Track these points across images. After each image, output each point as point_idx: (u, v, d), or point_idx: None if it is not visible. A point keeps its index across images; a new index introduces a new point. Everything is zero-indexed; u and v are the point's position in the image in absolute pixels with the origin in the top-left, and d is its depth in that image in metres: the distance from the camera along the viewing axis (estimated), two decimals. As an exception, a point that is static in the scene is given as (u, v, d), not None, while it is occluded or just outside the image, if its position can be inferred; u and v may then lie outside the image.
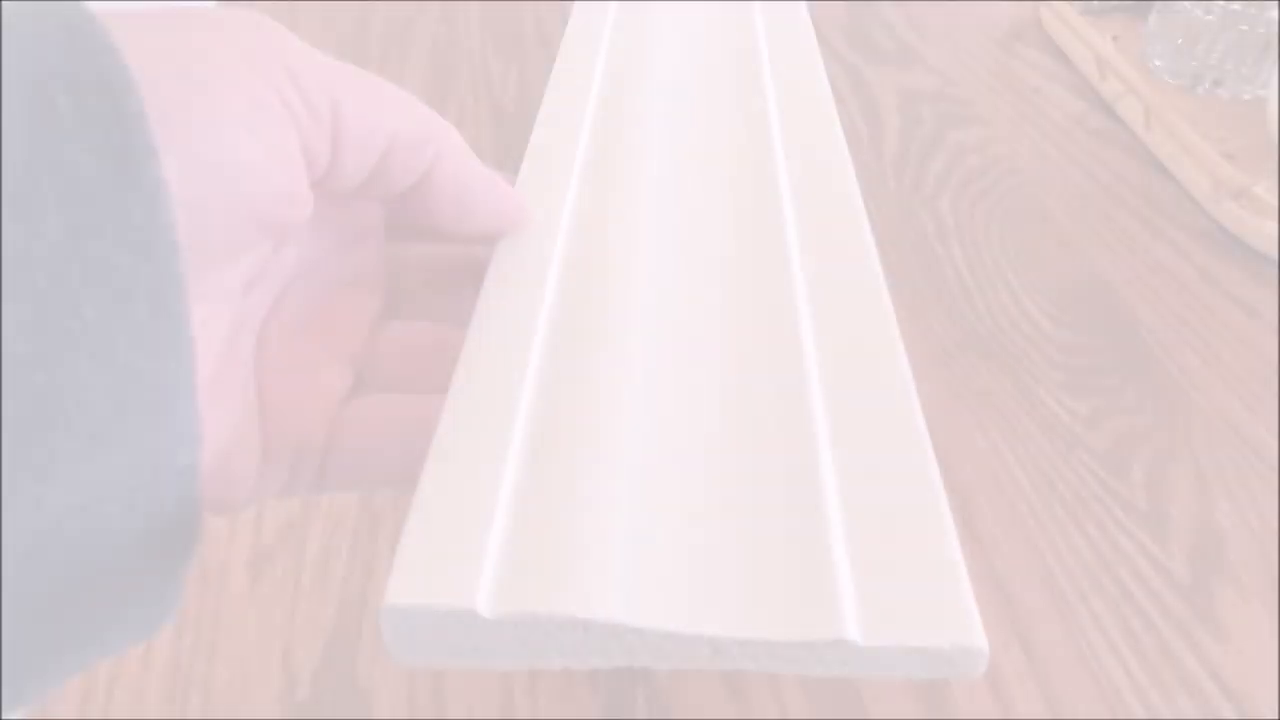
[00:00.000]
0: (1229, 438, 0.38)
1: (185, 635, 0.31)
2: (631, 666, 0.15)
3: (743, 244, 0.24)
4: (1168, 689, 0.30)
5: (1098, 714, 0.29)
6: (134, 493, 0.15)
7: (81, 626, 0.15)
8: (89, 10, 0.14)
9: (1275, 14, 0.47)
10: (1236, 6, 0.54)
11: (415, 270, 0.24)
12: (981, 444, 0.37)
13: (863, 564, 0.16)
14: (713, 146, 0.28)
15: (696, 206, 0.25)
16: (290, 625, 0.31)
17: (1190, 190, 0.50)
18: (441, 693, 0.30)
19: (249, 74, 0.16)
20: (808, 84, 0.30)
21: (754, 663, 0.15)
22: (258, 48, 0.17)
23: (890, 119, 0.56)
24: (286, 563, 0.33)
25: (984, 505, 0.35)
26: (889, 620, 0.15)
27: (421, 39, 0.65)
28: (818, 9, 0.37)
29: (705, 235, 0.24)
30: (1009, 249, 0.47)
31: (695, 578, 0.16)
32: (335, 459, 0.21)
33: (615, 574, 0.15)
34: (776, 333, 0.21)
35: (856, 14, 0.67)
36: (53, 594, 0.14)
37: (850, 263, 0.23)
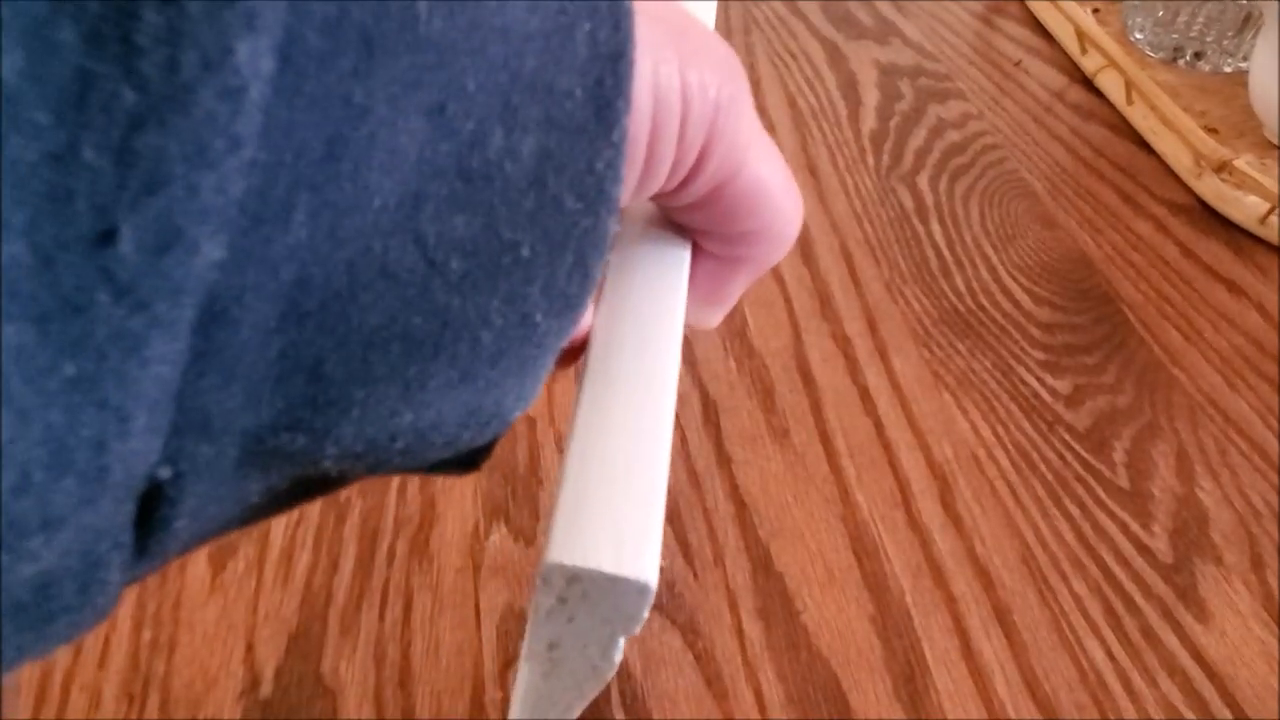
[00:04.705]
0: (1211, 415, 0.37)
1: (144, 631, 0.30)
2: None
3: None
4: (1150, 670, 0.29)
5: (1079, 696, 0.29)
6: (462, 431, 0.15)
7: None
8: None
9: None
10: (1218, -23, 0.53)
11: None
12: (961, 423, 0.37)
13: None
14: None
15: None
16: (253, 620, 0.30)
17: (1172, 164, 0.49)
18: (409, 687, 0.29)
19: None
20: None
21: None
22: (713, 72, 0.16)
23: (869, 95, 0.55)
24: (249, 555, 0.32)
25: (963, 485, 0.34)
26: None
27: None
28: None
29: None
30: (989, 226, 0.46)
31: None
32: None
33: None
34: None
35: (834, -11, 0.66)
36: (340, 486, 0.15)
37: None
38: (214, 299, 0.11)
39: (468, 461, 0.16)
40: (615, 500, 0.15)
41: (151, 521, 0.12)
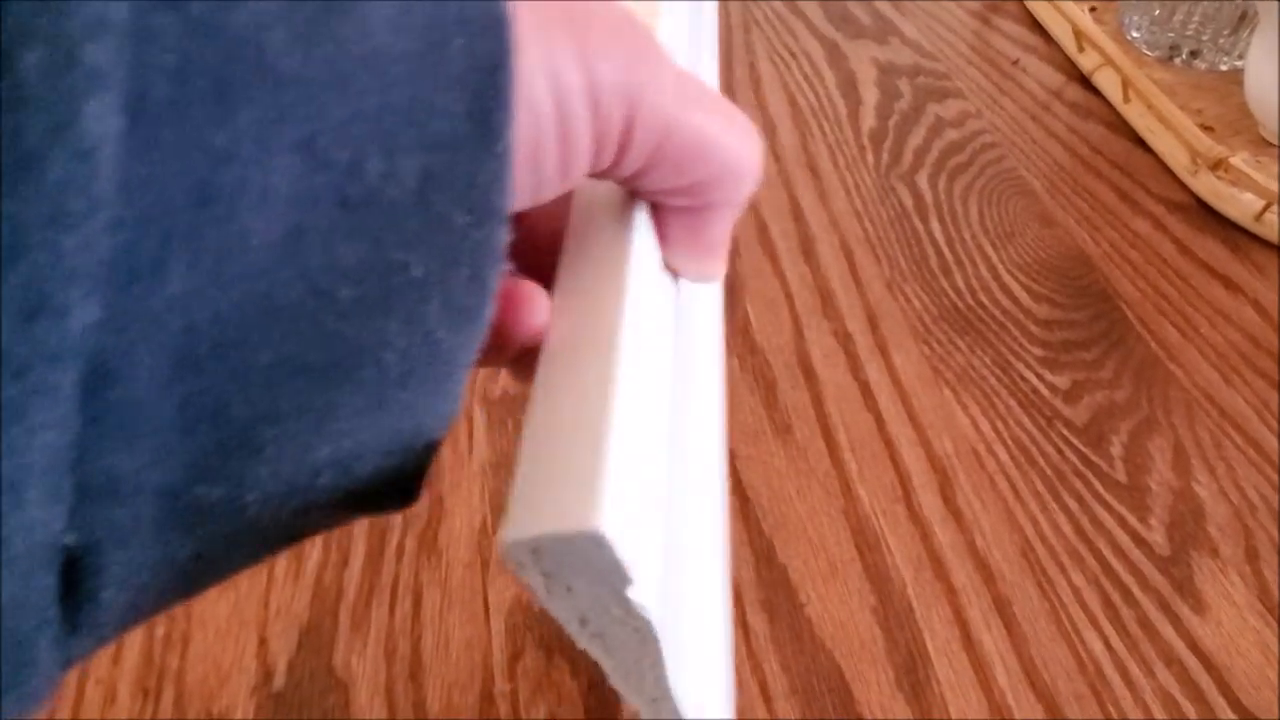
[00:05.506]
0: (1208, 410, 0.38)
1: (157, 627, 0.31)
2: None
3: None
4: (1147, 660, 0.30)
5: (1078, 685, 0.29)
6: (387, 458, 0.14)
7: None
8: None
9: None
10: (1213, -24, 0.53)
11: None
12: (961, 418, 0.37)
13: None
14: None
15: None
16: (264, 615, 0.31)
17: (1168, 162, 0.50)
18: (419, 680, 0.29)
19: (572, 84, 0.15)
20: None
21: None
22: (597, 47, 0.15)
23: (868, 94, 0.56)
24: (260, 552, 0.33)
25: (963, 479, 0.35)
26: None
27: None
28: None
29: None
30: (988, 223, 0.47)
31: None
32: None
33: None
34: None
35: (833, -12, 0.67)
36: (282, 540, 0.14)
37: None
38: (99, 360, 0.11)
39: (403, 493, 0.16)
40: (558, 462, 0.14)
41: (78, 595, 0.12)
